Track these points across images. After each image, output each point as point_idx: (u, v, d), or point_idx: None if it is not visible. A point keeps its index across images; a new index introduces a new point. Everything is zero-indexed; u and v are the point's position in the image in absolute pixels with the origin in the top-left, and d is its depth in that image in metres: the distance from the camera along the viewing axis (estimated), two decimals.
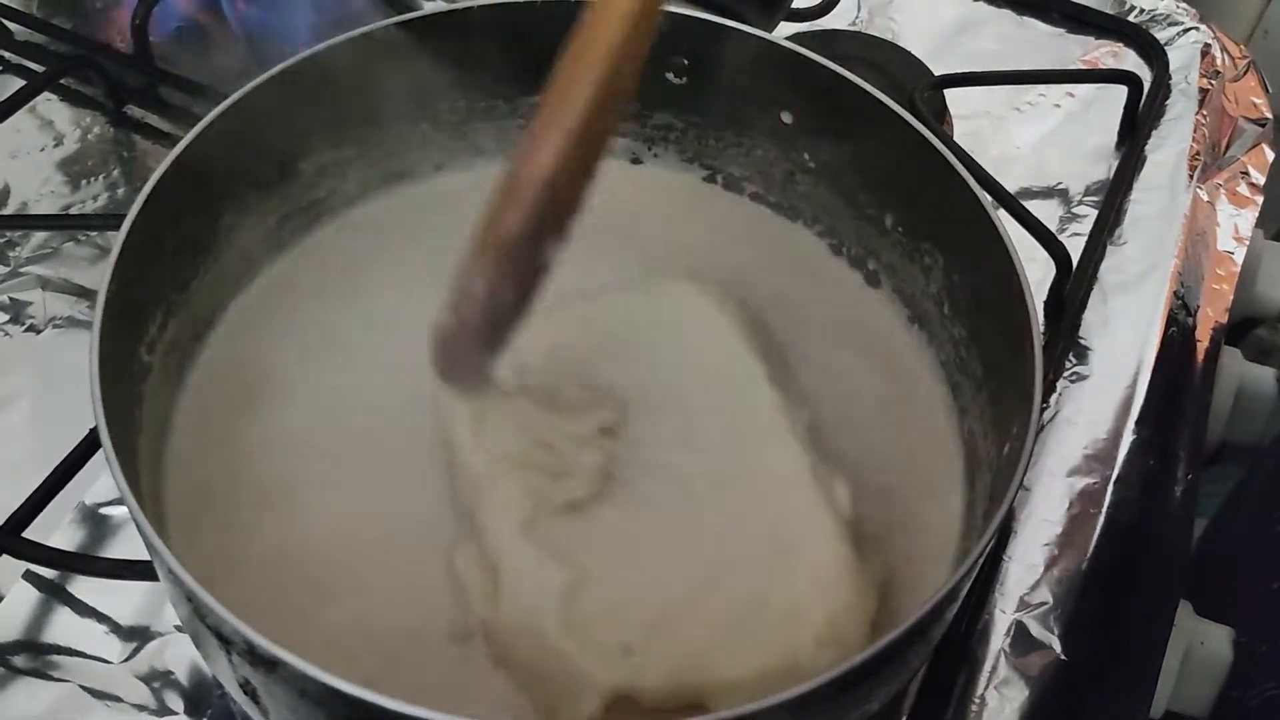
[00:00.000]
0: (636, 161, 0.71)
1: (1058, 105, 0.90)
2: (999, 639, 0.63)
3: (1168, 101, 0.90)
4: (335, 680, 0.40)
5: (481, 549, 0.53)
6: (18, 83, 0.84)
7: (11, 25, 0.89)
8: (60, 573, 0.62)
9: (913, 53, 0.88)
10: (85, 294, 0.74)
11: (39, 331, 0.73)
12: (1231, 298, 0.82)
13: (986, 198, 0.56)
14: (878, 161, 0.62)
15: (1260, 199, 0.87)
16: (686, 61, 0.65)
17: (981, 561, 0.48)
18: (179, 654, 0.60)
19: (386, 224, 0.68)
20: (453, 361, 0.51)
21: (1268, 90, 0.94)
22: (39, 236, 0.77)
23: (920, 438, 0.60)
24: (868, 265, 0.66)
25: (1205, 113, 0.90)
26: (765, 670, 0.49)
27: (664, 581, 0.52)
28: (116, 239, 0.52)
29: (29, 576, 0.62)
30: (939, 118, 0.83)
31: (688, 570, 0.52)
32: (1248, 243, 0.85)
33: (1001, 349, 0.55)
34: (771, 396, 0.57)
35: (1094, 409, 0.72)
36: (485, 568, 0.53)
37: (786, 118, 0.65)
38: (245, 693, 0.46)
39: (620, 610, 0.51)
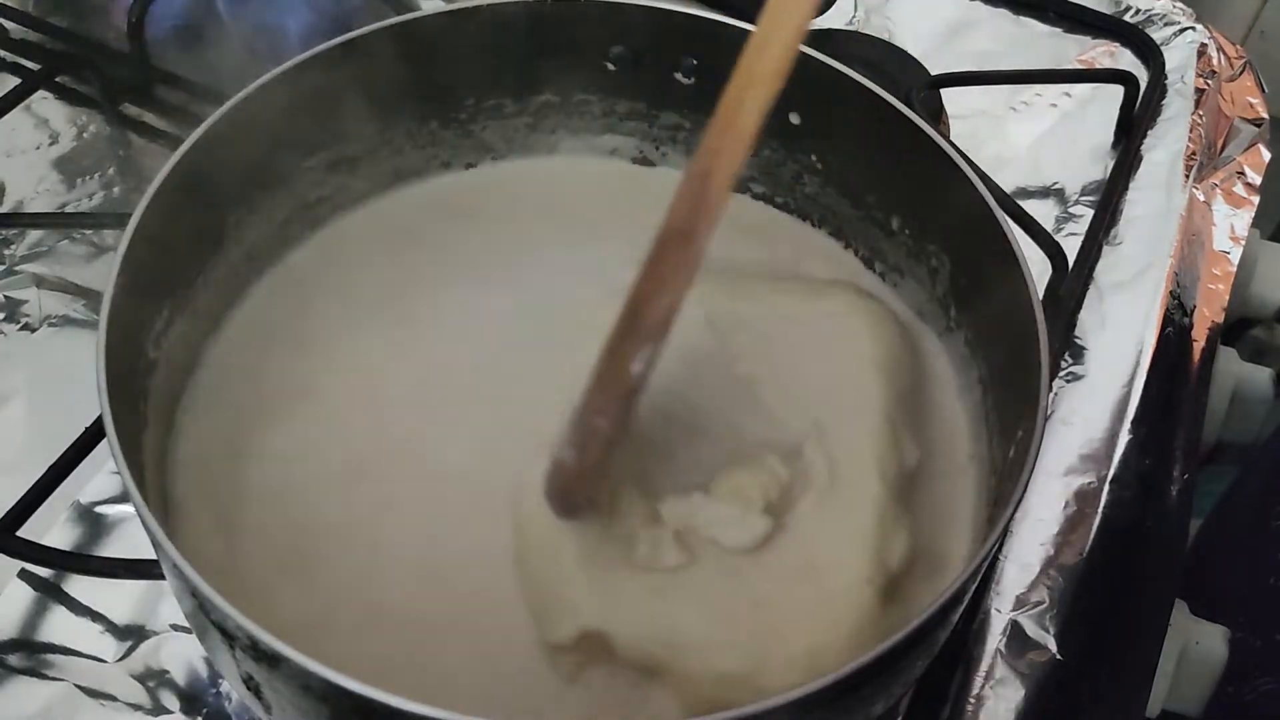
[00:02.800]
0: (645, 162, 0.71)
1: (1054, 105, 0.90)
2: (995, 638, 0.63)
3: (1164, 101, 0.90)
4: (338, 676, 0.40)
5: None
6: (13, 80, 0.83)
7: (7, 23, 0.89)
8: (55, 571, 0.62)
9: (909, 52, 0.88)
10: (81, 292, 0.74)
11: (34, 330, 0.73)
12: (1227, 298, 0.82)
13: (991, 200, 0.56)
14: (885, 163, 0.62)
15: (1256, 199, 0.87)
16: (695, 61, 0.65)
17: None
18: (174, 653, 0.60)
19: (396, 220, 0.67)
20: (574, 496, 0.52)
21: (1264, 90, 0.94)
22: (34, 234, 0.77)
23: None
24: (875, 267, 0.66)
25: (1201, 113, 0.90)
26: (724, 675, 0.50)
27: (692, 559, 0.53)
28: (124, 234, 0.52)
29: (24, 575, 0.62)
30: (935, 117, 0.83)
31: (719, 557, 0.53)
32: (1244, 243, 0.85)
33: (1007, 352, 0.55)
34: (877, 429, 0.56)
35: (1090, 409, 0.72)
36: None
37: (794, 118, 0.65)
38: (249, 688, 0.46)
39: (637, 565, 0.52)
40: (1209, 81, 0.92)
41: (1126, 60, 0.94)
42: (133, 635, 0.61)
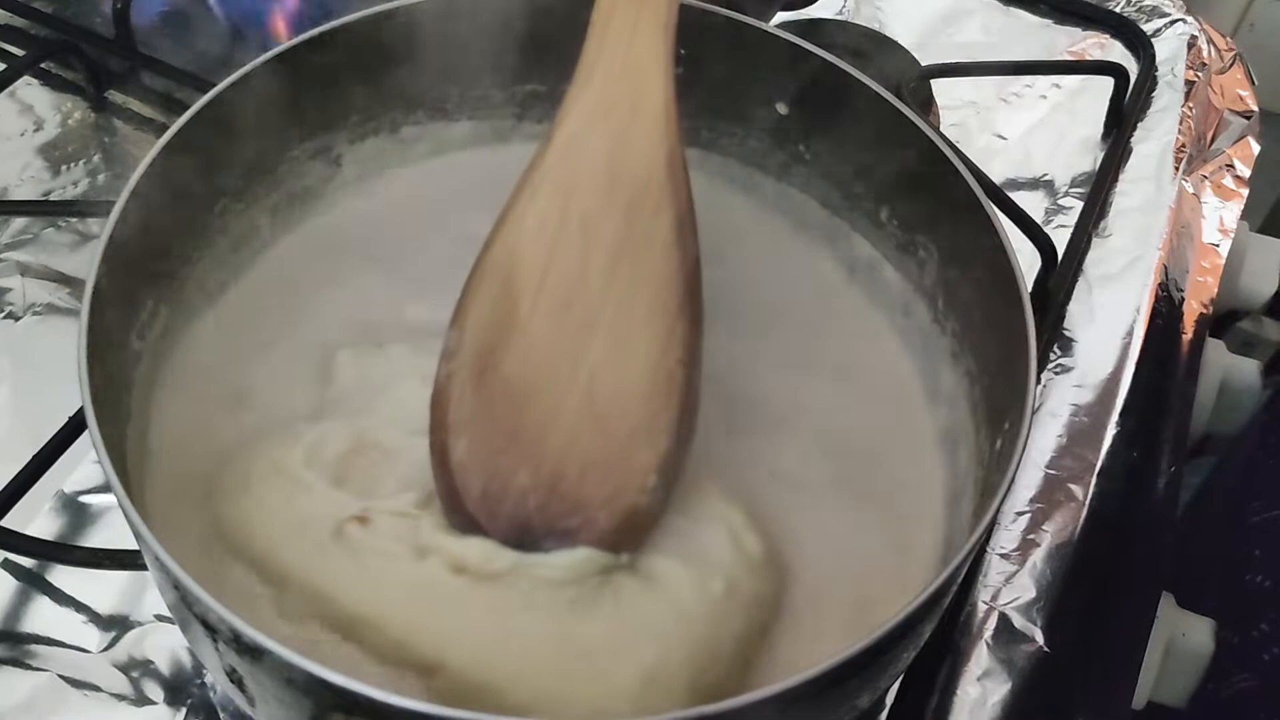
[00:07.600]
0: None
1: (1044, 96, 0.90)
2: (982, 630, 0.63)
3: (1154, 93, 0.90)
4: (321, 669, 0.40)
5: None
6: None
7: None
8: (39, 562, 0.62)
9: (899, 43, 0.88)
10: (65, 280, 0.74)
11: (18, 318, 0.72)
12: (1216, 290, 0.82)
13: (980, 191, 0.56)
14: (874, 154, 0.62)
15: (1245, 191, 0.87)
16: (683, 51, 0.65)
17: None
18: (158, 643, 0.60)
19: (382, 210, 0.67)
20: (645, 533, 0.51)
21: (1254, 83, 0.94)
22: (18, 222, 0.77)
23: (909, 431, 0.60)
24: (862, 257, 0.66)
25: (1191, 105, 0.90)
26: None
27: None
28: (107, 222, 0.52)
29: (7, 565, 0.62)
30: (926, 108, 0.83)
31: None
32: (1232, 235, 0.85)
33: (995, 344, 0.55)
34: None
35: (1078, 401, 0.72)
36: None
37: (782, 109, 0.65)
38: (231, 680, 0.46)
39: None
40: (1199, 74, 0.92)
41: (1117, 52, 0.94)
42: (116, 625, 0.60)
